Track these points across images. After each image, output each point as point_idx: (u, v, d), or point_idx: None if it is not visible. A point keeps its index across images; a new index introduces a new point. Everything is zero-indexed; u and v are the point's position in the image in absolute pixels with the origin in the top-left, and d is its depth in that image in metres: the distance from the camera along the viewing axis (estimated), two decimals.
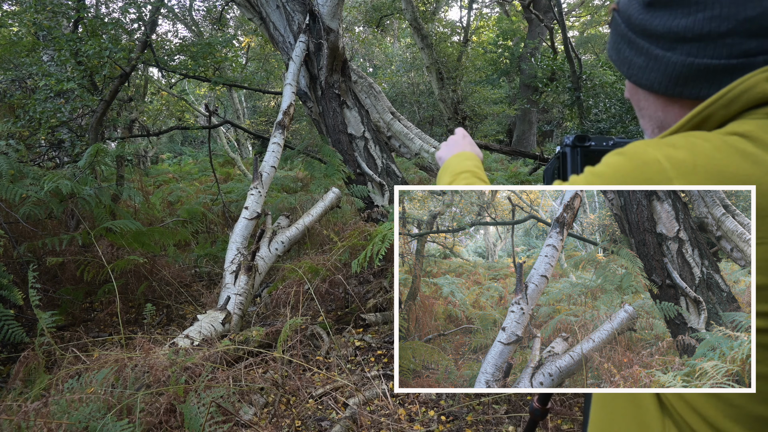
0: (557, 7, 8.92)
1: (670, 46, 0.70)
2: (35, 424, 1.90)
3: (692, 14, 0.67)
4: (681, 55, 0.69)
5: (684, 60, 0.69)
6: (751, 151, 0.61)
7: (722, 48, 0.66)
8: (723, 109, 0.66)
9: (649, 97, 0.76)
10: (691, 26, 0.67)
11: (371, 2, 15.28)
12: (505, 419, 2.45)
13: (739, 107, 0.65)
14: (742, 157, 0.61)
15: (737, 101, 0.65)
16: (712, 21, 0.66)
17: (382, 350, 3.20)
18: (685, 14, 0.68)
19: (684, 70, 0.69)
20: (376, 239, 3.14)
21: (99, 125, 5.61)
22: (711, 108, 0.66)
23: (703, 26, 0.66)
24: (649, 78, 0.74)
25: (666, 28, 0.70)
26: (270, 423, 2.40)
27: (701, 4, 0.66)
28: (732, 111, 0.66)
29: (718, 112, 0.66)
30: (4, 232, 3.47)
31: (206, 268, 5.12)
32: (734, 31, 0.65)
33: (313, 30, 5.38)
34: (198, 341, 2.93)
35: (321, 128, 5.72)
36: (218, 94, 16.08)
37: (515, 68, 16.90)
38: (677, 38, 0.69)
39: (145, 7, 6.26)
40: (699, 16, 0.67)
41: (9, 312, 2.84)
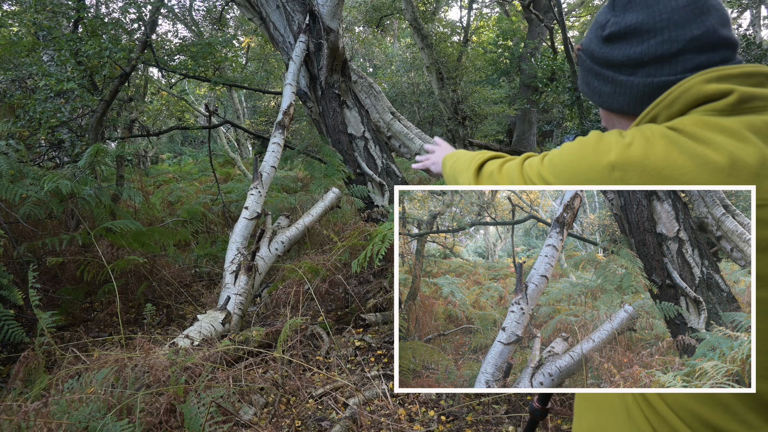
0: (557, 7, 8.92)
1: (632, 71, 0.79)
2: (35, 424, 1.90)
3: (645, 41, 0.77)
4: (642, 77, 0.79)
5: (645, 81, 0.78)
6: (675, 138, 0.70)
7: (676, 65, 0.76)
8: (666, 109, 0.75)
9: (621, 120, 0.85)
10: (647, 51, 0.77)
11: (371, 2, 15.27)
12: (505, 419, 2.45)
13: (680, 107, 0.74)
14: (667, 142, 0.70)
15: (677, 101, 0.74)
16: (664, 44, 0.76)
17: (382, 350, 3.20)
18: (639, 42, 0.78)
19: (646, 89, 0.78)
20: (376, 239, 3.14)
21: (99, 125, 5.61)
22: (656, 108, 0.76)
23: (656, 49, 0.76)
24: (618, 102, 0.83)
25: (625, 57, 0.79)
26: (270, 423, 2.40)
27: (652, 32, 0.77)
28: (674, 111, 0.74)
29: (662, 112, 0.75)
30: (4, 232, 3.47)
31: (206, 268, 5.12)
32: (684, 49, 0.75)
33: (313, 30, 5.38)
34: (198, 341, 2.93)
35: (321, 128, 5.72)
36: (218, 94, 16.08)
37: (515, 68, 16.90)
38: (636, 63, 0.78)
39: (145, 7, 6.26)
40: (652, 42, 0.77)
41: (9, 312, 2.84)
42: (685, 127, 0.71)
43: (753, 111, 0.72)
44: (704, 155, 0.68)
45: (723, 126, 0.70)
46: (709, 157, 0.67)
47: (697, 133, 0.70)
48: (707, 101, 0.73)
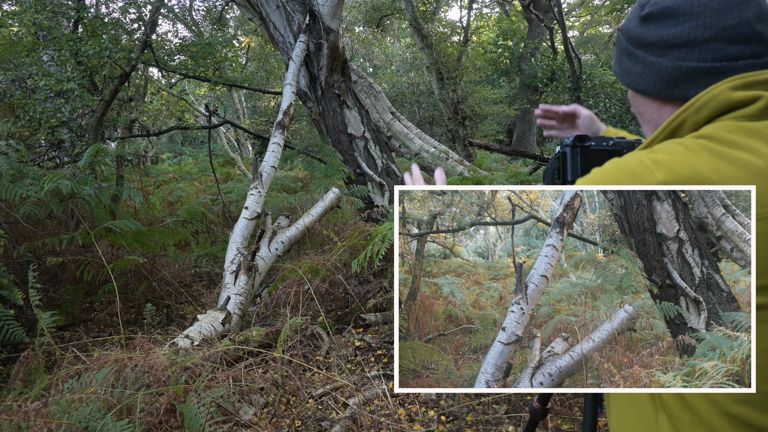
0: (557, 7, 8.92)
1: (662, 52, 0.80)
2: (35, 424, 1.90)
3: (680, 24, 0.77)
4: (671, 59, 0.79)
5: (674, 64, 0.78)
6: (716, 149, 0.69)
7: (707, 52, 0.76)
8: (693, 115, 0.74)
9: (646, 101, 0.85)
10: (680, 34, 0.77)
11: (371, 2, 15.27)
12: (505, 419, 2.45)
13: (707, 113, 0.74)
14: (710, 154, 0.69)
15: (705, 108, 0.74)
16: (697, 29, 0.76)
17: (382, 350, 3.20)
18: (674, 24, 0.78)
19: (674, 72, 0.79)
20: (376, 239, 3.14)
21: (99, 125, 5.61)
22: (683, 115, 0.75)
23: (689, 33, 0.76)
24: (645, 83, 0.83)
25: (658, 37, 0.80)
26: (270, 423, 2.40)
27: (688, 15, 0.76)
28: (702, 117, 0.74)
29: (690, 118, 0.75)
30: (4, 232, 3.47)
31: (206, 268, 5.12)
32: (716, 37, 0.75)
33: (313, 30, 5.38)
34: (198, 341, 2.93)
35: (321, 128, 5.72)
36: (218, 94, 16.07)
37: (515, 68, 16.90)
38: (668, 45, 0.79)
39: (145, 7, 6.26)
40: (686, 26, 0.77)
41: (9, 312, 2.84)
42: (718, 134, 0.71)
43: None
44: (747, 161, 0.68)
45: (756, 130, 0.70)
46: (752, 161, 0.68)
47: (734, 139, 0.70)
48: (735, 108, 0.73)
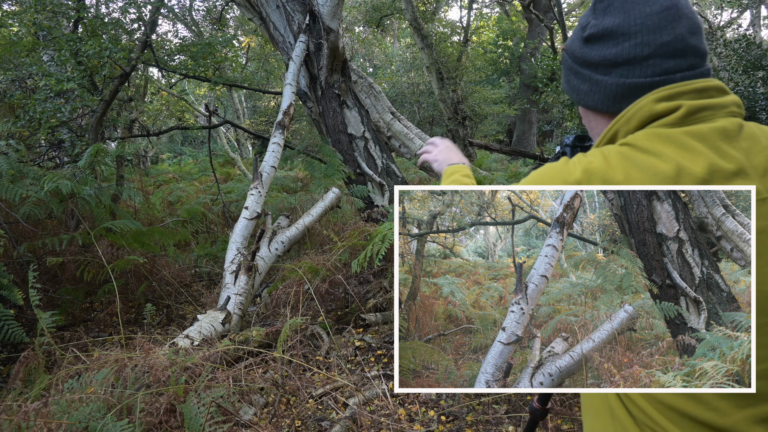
0: (557, 7, 8.92)
1: (606, 71, 0.85)
2: (35, 424, 1.90)
3: (620, 44, 0.82)
4: (615, 77, 0.84)
5: (618, 81, 0.83)
6: (628, 154, 0.77)
7: (647, 68, 0.81)
8: (624, 125, 0.82)
9: (596, 116, 0.90)
10: (621, 53, 0.82)
11: (371, 2, 15.27)
12: (505, 419, 2.45)
13: (636, 123, 0.81)
14: (621, 158, 0.77)
15: (633, 119, 0.81)
16: (636, 47, 0.81)
17: (382, 350, 3.20)
18: (614, 44, 0.83)
19: (619, 89, 0.84)
20: (376, 239, 3.14)
21: (99, 125, 5.61)
22: (617, 125, 0.83)
23: (629, 52, 0.82)
24: (594, 100, 0.88)
25: (601, 57, 0.85)
26: (270, 423, 2.40)
27: (626, 35, 0.82)
28: (632, 127, 0.81)
29: (622, 128, 0.82)
30: (4, 232, 3.47)
31: (206, 268, 5.12)
32: (654, 53, 0.80)
33: (313, 30, 5.37)
34: (198, 341, 2.93)
35: (321, 128, 5.72)
36: (218, 94, 16.07)
37: (515, 68, 16.90)
38: (611, 64, 0.84)
39: (145, 7, 6.26)
40: (626, 45, 0.82)
41: (9, 312, 2.84)
42: (636, 141, 0.78)
43: (701, 120, 0.78)
44: (654, 166, 0.75)
45: (670, 137, 0.77)
46: (658, 167, 0.74)
47: (647, 145, 0.77)
48: (659, 117, 0.79)
